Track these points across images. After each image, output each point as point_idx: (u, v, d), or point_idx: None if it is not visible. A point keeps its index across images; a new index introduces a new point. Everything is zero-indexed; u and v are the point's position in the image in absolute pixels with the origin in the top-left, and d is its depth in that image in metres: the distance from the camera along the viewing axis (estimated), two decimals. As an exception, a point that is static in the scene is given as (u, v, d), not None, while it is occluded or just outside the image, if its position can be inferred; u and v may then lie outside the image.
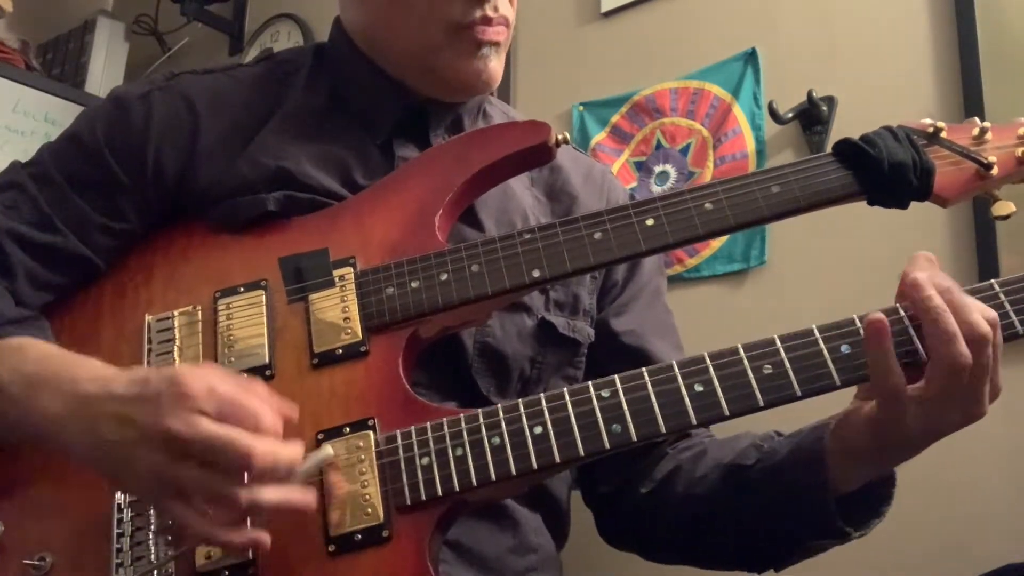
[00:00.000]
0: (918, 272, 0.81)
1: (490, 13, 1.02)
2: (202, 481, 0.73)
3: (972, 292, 0.82)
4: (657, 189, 1.86)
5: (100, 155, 1.01)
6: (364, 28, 1.10)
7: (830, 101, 1.69)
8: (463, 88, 1.07)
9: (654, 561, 1.13)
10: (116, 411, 0.76)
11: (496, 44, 1.04)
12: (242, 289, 0.95)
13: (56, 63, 2.75)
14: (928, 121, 0.95)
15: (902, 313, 0.82)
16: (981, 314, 0.78)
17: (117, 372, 0.82)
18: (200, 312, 0.95)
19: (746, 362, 0.82)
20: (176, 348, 0.93)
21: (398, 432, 0.84)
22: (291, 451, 0.76)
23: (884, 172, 0.90)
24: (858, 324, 0.82)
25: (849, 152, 0.93)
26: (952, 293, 0.79)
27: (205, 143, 1.02)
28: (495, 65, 1.05)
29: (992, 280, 0.83)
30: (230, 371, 0.79)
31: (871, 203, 0.93)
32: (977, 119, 0.95)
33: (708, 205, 0.92)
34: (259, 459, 0.73)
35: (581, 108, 2.01)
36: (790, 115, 1.70)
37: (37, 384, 0.83)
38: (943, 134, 0.94)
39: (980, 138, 0.94)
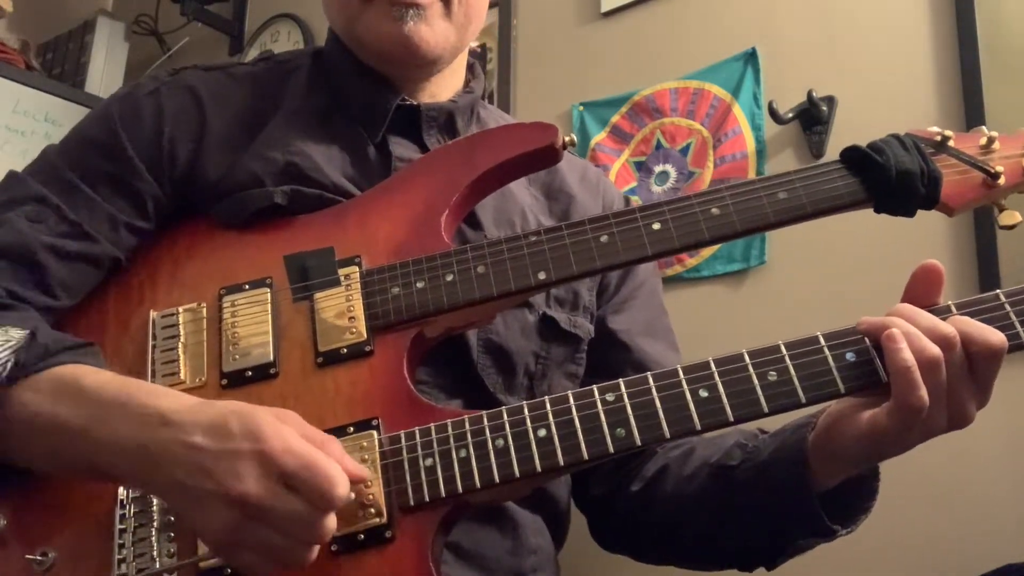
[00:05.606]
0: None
1: None
2: (271, 543, 0.74)
3: (977, 303, 0.82)
4: (657, 189, 1.86)
5: (121, 151, 1.00)
6: (332, 23, 1.12)
7: (830, 101, 1.68)
8: (392, 54, 1.05)
9: (647, 562, 1.13)
10: (194, 460, 0.74)
11: (415, 6, 1.02)
12: (247, 287, 0.95)
13: (56, 63, 2.75)
14: (936, 129, 0.95)
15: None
16: (934, 331, 0.78)
17: (191, 410, 0.78)
18: (205, 309, 0.95)
19: (751, 368, 0.82)
20: (180, 345, 0.93)
21: (402, 433, 0.84)
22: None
23: (891, 180, 0.90)
24: None
25: (856, 159, 0.93)
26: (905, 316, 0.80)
27: (212, 136, 1.03)
28: (420, 29, 1.02)
29: (998, 291, 0.83)
30: (307, 425, 0.78)
31: (878, 211, 0.93)
32: (984, 128, 0.95)
33: (715, 210, 0.92)
34: (322, 538, 0.75)
35: (581, 108, 2.01)
36: (790, 115, 1.69)
37: (101, 411, 0.80)
38: (951, 143, 0.94)
39: (987, 147, 0.94)
